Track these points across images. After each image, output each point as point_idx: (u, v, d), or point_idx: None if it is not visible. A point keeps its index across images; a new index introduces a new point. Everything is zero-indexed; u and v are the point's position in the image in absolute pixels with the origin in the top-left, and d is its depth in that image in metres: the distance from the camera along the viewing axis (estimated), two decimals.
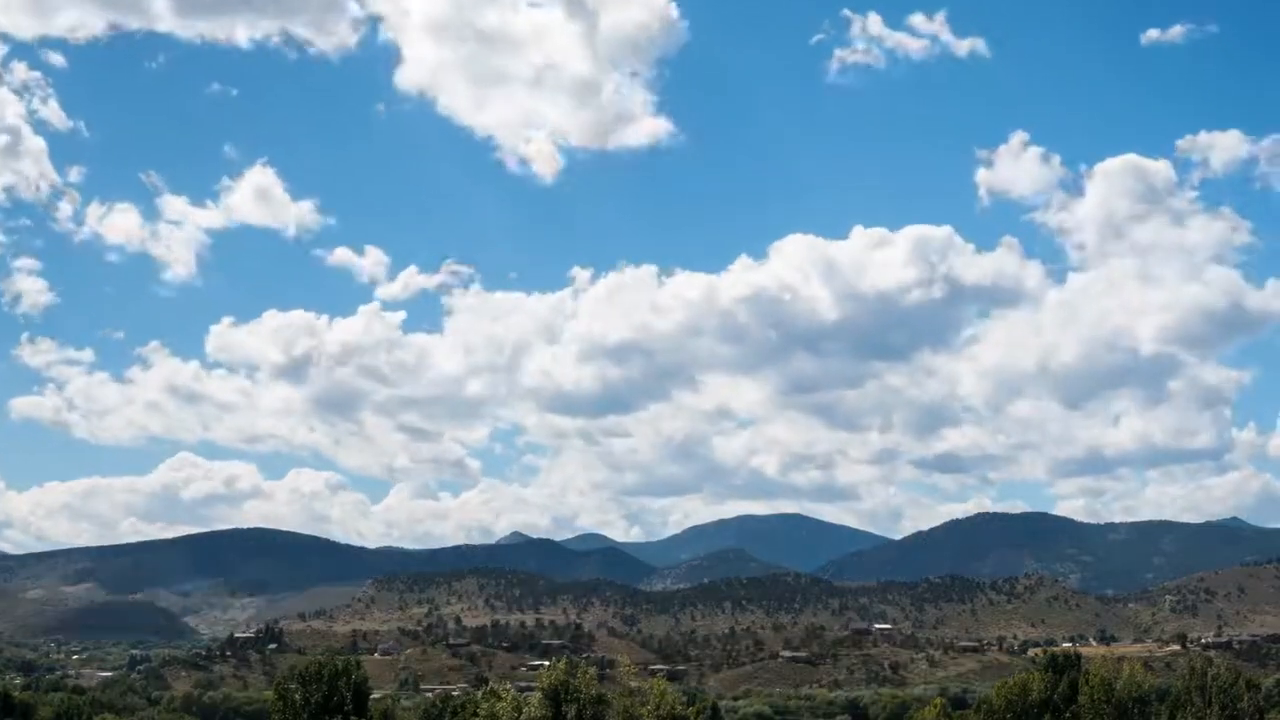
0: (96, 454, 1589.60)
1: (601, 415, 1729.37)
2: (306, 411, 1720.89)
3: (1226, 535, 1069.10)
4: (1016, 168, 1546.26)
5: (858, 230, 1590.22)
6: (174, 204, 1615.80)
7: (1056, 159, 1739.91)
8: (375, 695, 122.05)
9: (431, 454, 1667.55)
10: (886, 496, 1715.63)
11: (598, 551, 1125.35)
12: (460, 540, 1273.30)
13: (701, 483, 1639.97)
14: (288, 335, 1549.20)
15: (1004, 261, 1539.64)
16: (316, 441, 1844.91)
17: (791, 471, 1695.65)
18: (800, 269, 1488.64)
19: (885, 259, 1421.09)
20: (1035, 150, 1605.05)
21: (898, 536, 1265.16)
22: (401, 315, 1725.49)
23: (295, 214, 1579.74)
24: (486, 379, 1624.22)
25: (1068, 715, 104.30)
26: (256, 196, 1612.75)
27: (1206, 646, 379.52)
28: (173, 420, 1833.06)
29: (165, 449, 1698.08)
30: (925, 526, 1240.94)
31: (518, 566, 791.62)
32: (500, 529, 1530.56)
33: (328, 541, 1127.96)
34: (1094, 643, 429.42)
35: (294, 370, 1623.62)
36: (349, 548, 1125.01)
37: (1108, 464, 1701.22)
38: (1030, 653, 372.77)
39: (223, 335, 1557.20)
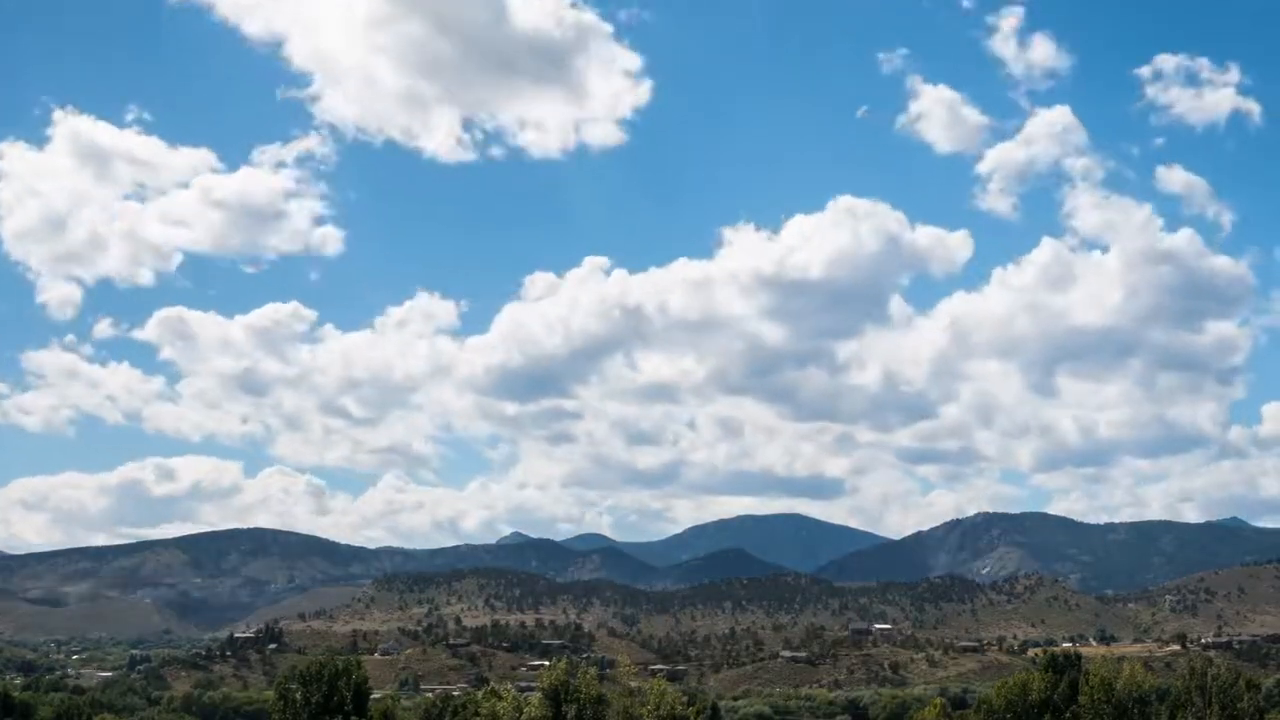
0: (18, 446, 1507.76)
1: (540, 398, 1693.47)
2: (229, 402, 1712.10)
3: (1226, 535, 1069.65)
4: (939, 121, 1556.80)
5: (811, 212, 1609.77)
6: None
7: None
8: (375, 695, 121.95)
9: (375, 444, 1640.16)
10: (860, 482, 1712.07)
11: (598, 551, 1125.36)
12: (458, 540, 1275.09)
13: (672, 475, 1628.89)
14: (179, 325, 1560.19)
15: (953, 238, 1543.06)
16: (250, 432, 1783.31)
17: (752, 459, 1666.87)
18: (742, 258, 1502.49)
19: (831, 240, 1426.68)
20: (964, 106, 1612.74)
21: (898, 536, 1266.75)
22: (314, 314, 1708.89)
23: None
24: (416, 368, 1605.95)
25: (1068, 715, 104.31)
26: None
27: (1206, 646, 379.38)
28: (91, 412, 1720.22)
29: (103, 444, 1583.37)
30: (925, 526, 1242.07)
31: (518, 566, 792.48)
32: (470, 525, 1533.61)
33: (327, 541, 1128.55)
34: (1094, 643, 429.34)
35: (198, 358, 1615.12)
36: (348, 548, 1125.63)
37: (1095, 453, 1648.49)
38: (1030, 653, 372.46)
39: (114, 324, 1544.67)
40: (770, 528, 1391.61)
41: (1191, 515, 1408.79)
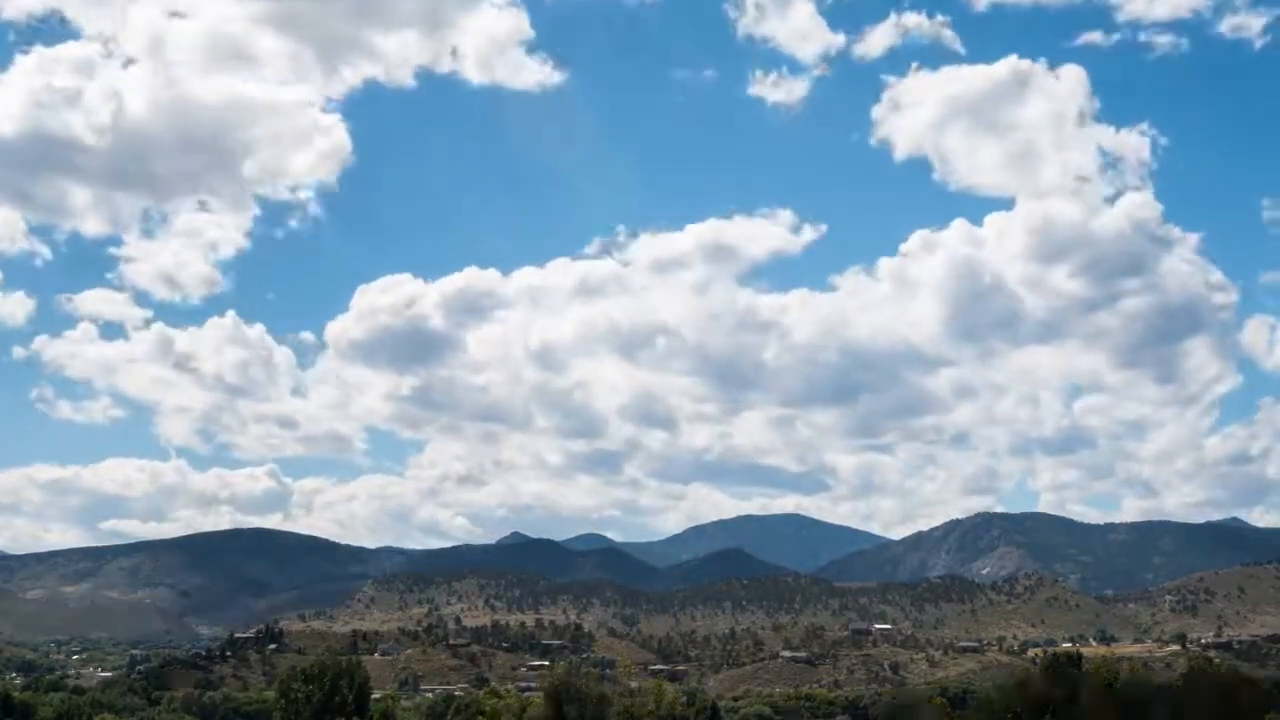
0: None
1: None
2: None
3: (1226, 535, 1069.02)
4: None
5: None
6: None
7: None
8: (376, 695, 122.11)
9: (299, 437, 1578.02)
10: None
11: (598, 552, 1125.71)
12: (457, 540, 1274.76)
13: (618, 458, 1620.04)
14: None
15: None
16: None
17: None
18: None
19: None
20: None
21: (898, 537, 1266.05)
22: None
23: None
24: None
25: (1068, 715, 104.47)
26: None
27: (1206, 646, 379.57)
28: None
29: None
30: (925, 527, 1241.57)
31: (517, 566, 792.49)
32: (426, 519, 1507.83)
33: (327, 541, 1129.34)
34: (1094, 643, 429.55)
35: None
36: (348, 547, 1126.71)
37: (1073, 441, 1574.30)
38: (1030, 653, 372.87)
39: None
40: (770, 528, 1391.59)
41: (1191, 515, 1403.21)
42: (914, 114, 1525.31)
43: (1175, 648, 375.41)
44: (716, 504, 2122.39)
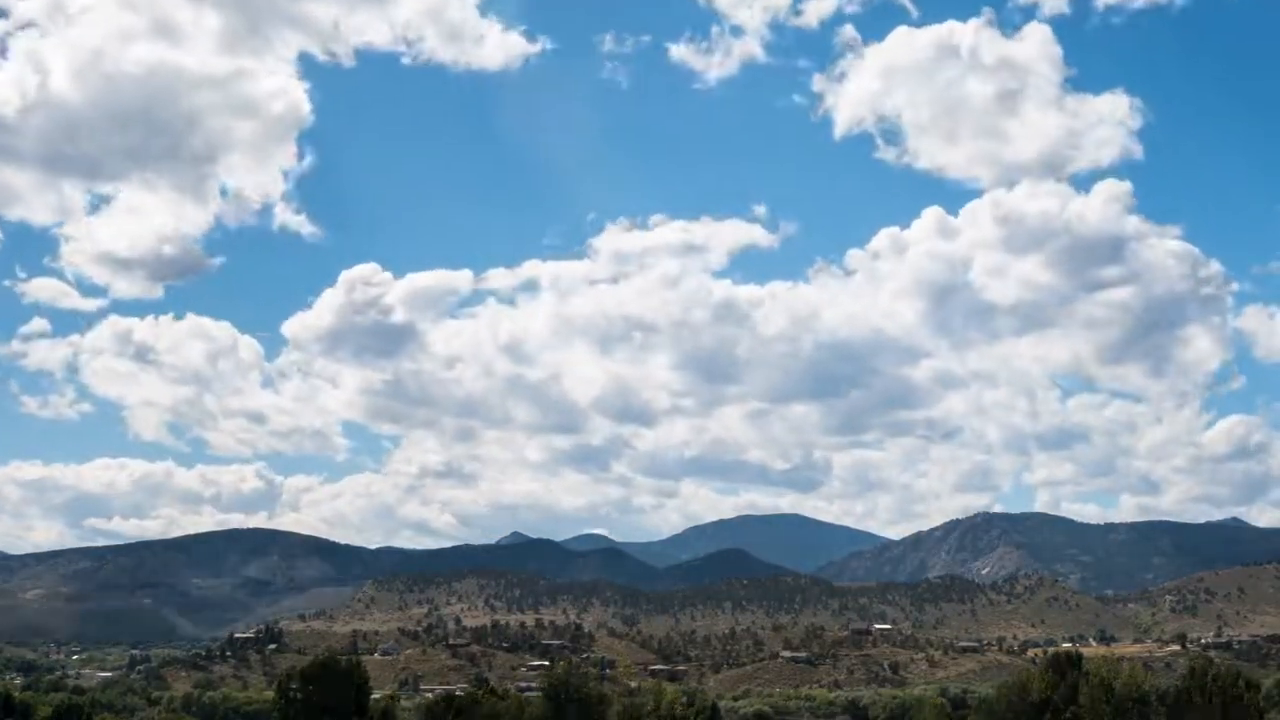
0: None
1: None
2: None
3: (1226, 535, 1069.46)
4: None
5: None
6: None
7: None
8: (375, 695, 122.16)
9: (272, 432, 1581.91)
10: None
11: (598, 552, 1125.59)
12: (461, 540, 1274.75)
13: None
14: None
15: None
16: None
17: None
18: None
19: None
20: None
21: (897, 536, 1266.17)
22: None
23: None
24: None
25: (1068, 715, 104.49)
26: None
27: (1206, 646, 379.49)
28: None
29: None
30: (925, 527, 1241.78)
31: (517, 566, 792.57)
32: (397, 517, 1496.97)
33: (327, 541, 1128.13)
34: (1094, 643, 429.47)
35: None
36: (348, 547, 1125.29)
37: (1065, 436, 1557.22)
38: (1030, 653, 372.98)
39: None
40: (770, 528, 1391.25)
41: (1190, 512, 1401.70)
42: (864, 85, 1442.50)
43: (1175, 648, 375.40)
44: (708, 501, 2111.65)
